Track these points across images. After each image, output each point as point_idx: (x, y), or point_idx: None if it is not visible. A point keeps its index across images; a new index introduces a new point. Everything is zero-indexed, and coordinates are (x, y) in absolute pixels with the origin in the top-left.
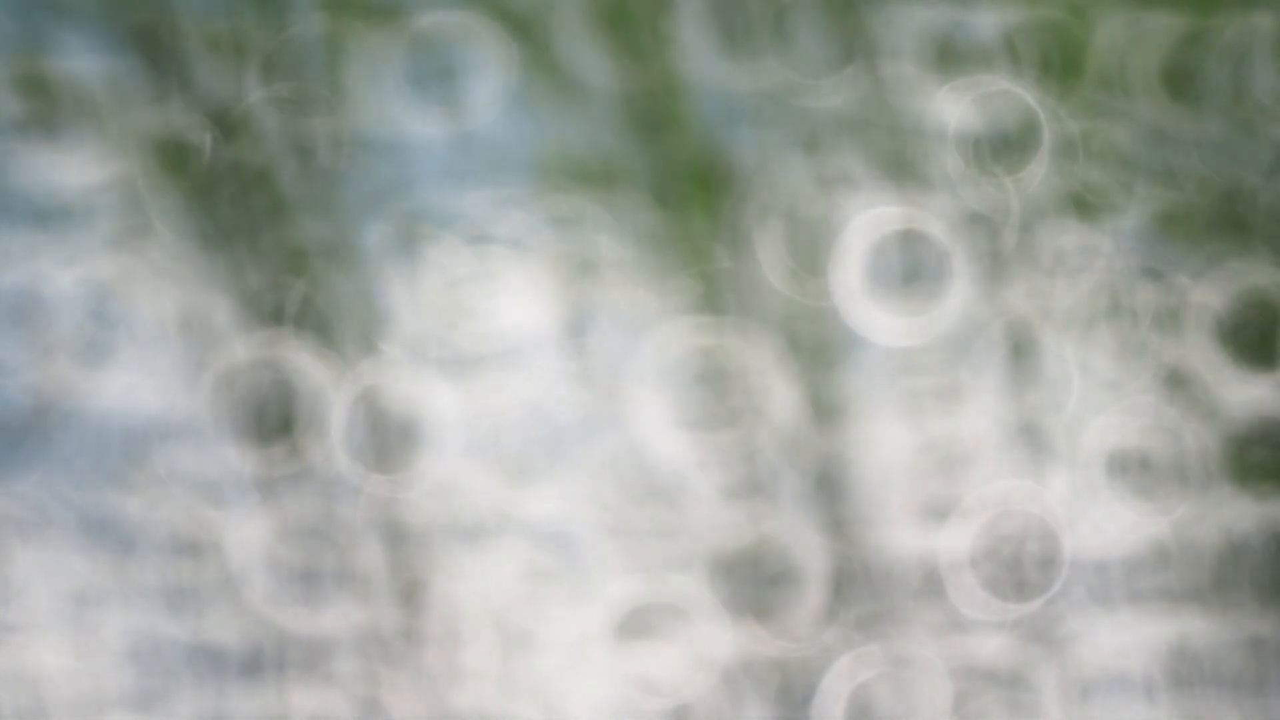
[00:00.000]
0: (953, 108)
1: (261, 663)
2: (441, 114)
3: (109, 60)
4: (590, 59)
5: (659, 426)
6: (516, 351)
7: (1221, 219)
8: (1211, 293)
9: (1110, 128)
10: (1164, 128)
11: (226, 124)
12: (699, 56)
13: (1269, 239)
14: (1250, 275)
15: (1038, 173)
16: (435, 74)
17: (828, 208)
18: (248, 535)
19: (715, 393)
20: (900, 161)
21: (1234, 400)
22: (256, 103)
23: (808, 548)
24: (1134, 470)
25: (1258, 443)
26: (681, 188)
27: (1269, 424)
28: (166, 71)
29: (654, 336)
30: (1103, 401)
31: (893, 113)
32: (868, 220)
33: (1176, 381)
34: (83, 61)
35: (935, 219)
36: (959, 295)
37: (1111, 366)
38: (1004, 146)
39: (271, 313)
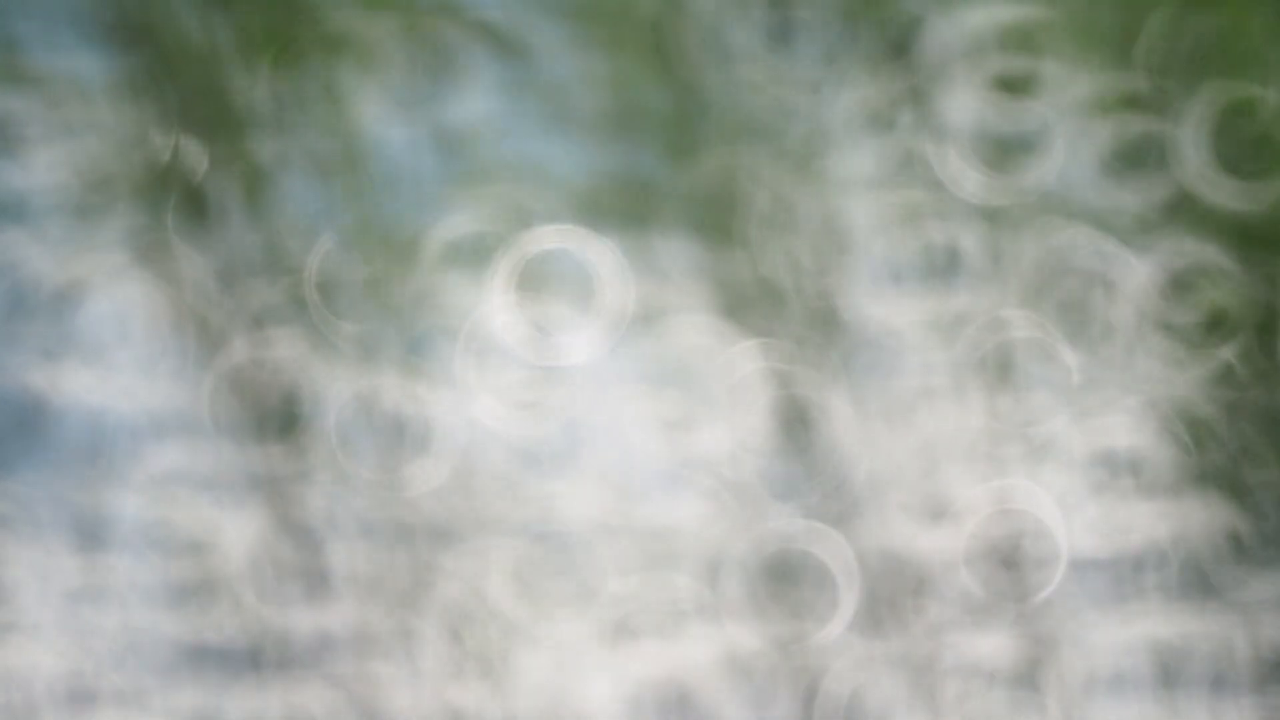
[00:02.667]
0: (956, 107)
1: (259, 662)
2: (438, 120)
3: (93, 59)
4: (586, 70)
5: (657, 427)
6: (512, 353)
7: (1215, 218)
8: (1205, 291)
9: (1107, 126)
10: (1162, 125)
11: (214, 123)
12: (705, 61)
13: (1260, 241)
14: (1242, 275)
15: (1038, 171)
16: (432, 82)
17: (827, 207)
18: (245, 534)
19: (714, 393)
20: (901, 160)
21: (1228, 398)
22: (246, 102)
23: (805, 547)
24: (1130, 470)
25: (1253, 441)
26: (681, 192)
27: (1263, 423)
28: (158, 70)
29: (654, 338)
30: (1099, 401)
31: (897, 113)
32: (865, 220)
33: (1172, 380)
34: (66, 60)
35: (935, 218)
36: (956, 294)
37: (1107, 365)
38: (1003, 145)
39: (268, 312)
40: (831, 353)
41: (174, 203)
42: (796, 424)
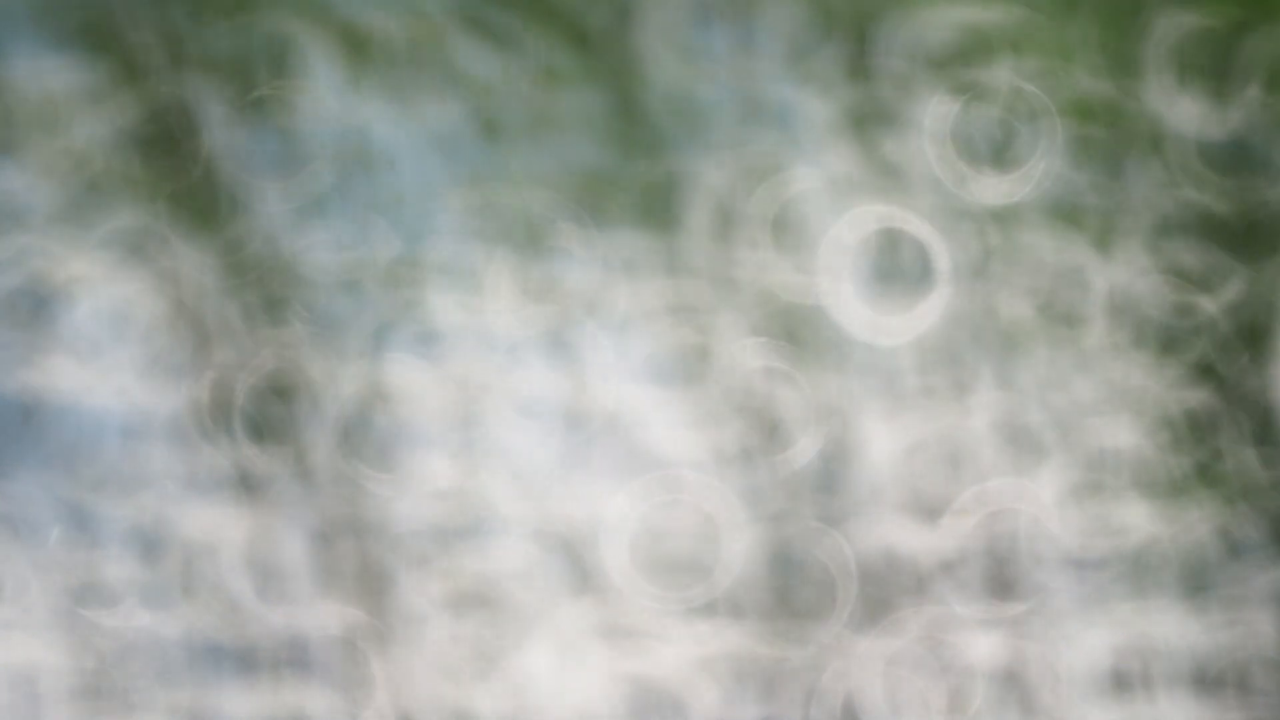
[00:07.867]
0: (943, 107)
1: (252, 660)
2: (415, 122)
3: (85, 61)
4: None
5: (653, 427)
6: (509, 353)
7: (1213, 225)
8: (1201, 293)
9: (1103, 128)
10: (1160, 128)
11: (203, 122)
12: (680, 64)
13: (1264, 245)
14: (1226, 274)
15: (1030, 172)
16: (405, 84)
17: (816, 208)
18: (240, 533)
19: (708, 393)
20: (890, 161)
21: (1215, 397)
22: (241, 101)
23: (802, 547)
24: (1127, 470)
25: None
26: (663, 195)
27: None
28: (144, 74)
29: (645, 339)
30: (1096, 400)
31: (883, 113)
32: (857, 220)
33: (1170, 380)
34: (60, 62)
35: (925, 218)
36: (950, 294)
37: (1104, 366)
38: (995, 145)
39: (263, 311)
40: (827, 352)
41: (169, 202)
42: (795, 423)
